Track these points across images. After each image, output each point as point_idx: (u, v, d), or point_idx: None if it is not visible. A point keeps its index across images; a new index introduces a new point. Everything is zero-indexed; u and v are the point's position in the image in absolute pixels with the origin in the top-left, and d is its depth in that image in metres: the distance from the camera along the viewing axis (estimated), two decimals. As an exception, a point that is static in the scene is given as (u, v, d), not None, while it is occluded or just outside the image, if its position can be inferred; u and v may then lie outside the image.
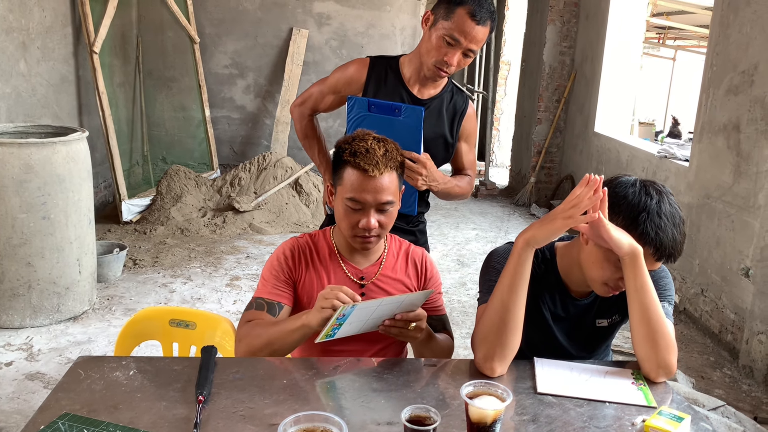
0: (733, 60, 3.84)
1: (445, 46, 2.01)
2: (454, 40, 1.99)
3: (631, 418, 1.40)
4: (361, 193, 1.63)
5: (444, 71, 2.05)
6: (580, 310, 1.74)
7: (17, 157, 3.33)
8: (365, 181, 1.62)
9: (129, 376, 1.48)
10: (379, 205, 1.65)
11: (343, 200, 1.66)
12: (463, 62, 2.06)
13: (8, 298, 3.47)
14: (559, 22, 6.79)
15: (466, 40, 1.99)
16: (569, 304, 1.74)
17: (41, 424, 1.27)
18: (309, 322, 1.52)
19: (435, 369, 1.59)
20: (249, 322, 1.66)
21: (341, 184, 1.67)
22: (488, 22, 2.00)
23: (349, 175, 1.65)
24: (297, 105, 2.33)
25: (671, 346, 1.55)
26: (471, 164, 2.32)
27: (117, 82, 6.09)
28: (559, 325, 1.75)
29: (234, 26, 6.90)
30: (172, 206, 5.59)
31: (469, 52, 2.04)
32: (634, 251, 1.51)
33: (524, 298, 1.54)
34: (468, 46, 2.01)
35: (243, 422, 1.31)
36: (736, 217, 3.72)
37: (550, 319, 1.73)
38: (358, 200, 1.63)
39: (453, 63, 2.03)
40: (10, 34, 4.28)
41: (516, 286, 1.52)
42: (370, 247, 1.71)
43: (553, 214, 1.50)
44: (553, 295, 1.73)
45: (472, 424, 1.26)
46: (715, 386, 3.45)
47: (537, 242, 1.52)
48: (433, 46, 2.03)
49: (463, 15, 1.97)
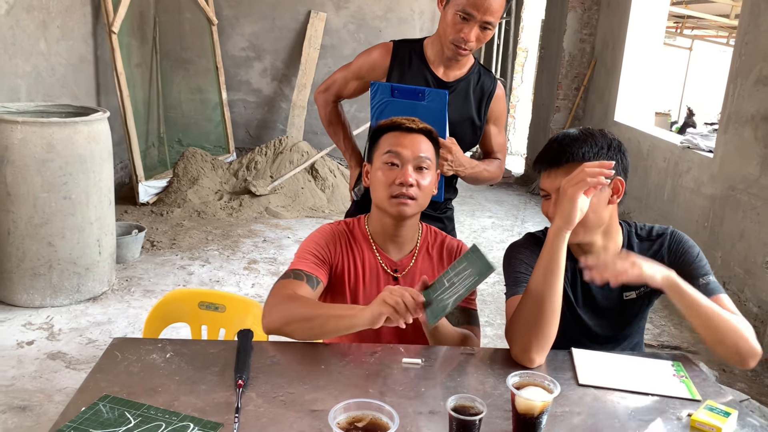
0: (764, 49, 3.77)
1: (461, 22, 1.96)
2: (469, 15, 1.94)
3: (676, 411, 1.38)
4: (398, 147, 1.66)
5: (463, 48, 2.01)
6: (605, 285, 1.66)
7: (39, 137, 3.32)
8: (402, 136, 1.68)
9: (166, 359, 1.46)
10: (416, 160, 1.66)
11: (380, 161, 1.68)
12: (483, 36, 2.01)
13: (29, 278, 3.48)
14: (580, 9, 6.70)
15: (479, 12, 1.94)
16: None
17: (82, 405, 1.26)
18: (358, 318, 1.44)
19: (472, 358, 1.57)
20: (284, 293, 1.57)
21: (377, 149, 1.71)
22: None
23: (387, 137, 1.70)
24: (321, 92, 2.30)
25: (740, 332, 1.51)
26: (501, 147, 2.28)
27: (134, 62, 6.06)
28: (586, 306, 1.71)
29: (251, 8, 6.85)
30: (189, 188, 5.58)
31: (487, 25, 1.98)
32: (668, 279, 1.51)
33: (561, 286, 1.51)
34: (483, 19, 1.95)
35: (284, 408, 1.30)
36: (762, 209, 3.67)
37: (573, 302, 1.70)
38: (396, 152, 1.66)
39: (471, 39, 1.98)
40: (30, 13, 4.25)
41: (552, 274, 1.49)
42: (408, 211, 1.66)
43: (563, 189, 1.49)
44: (574, 273, 1.70)
45: (519, 415, 1.23)
46: (737, 380, 3.42)
47: (567, 222, 1.48)
48: (449, 24, 1.99)
49: None
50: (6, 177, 3.31)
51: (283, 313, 1.52)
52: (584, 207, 1.48)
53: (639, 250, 1.72)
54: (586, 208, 1.49)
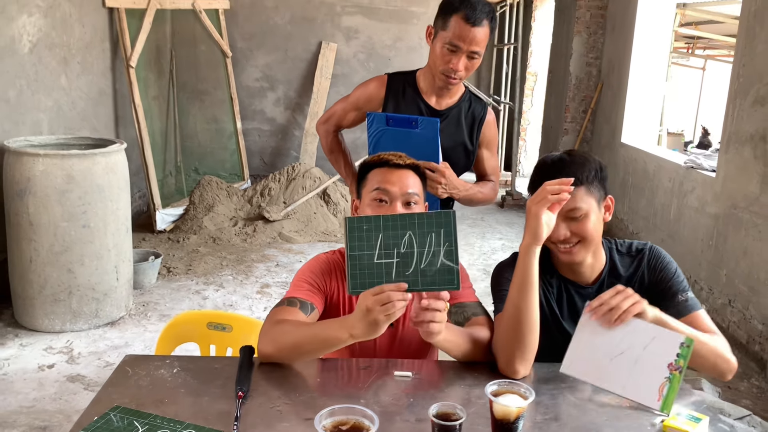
0: (759, 71, 3.86)
1: (449, 54, 2.10)
2: (456, 47, 2.08)
3: (650, 418, 1.46)
4: (386, 183, 1.71)
5: (453, 78, 2.13)
6: (591, 298, 1.74)
7: (60, 168, 3.48)
8: (389, 172, 1.73)
9: (173, 373, 1.57)
10: (405, 196, 1.72)
11: (369, 197, 1.73)
12: (471, 65, 2.14)
13: (50, 304, 3.62)
14: (585, 33, 6.83)
15: (465, 44, 2.08)
16: (574, 294, 1.79)
17: (94, 415, 1.37)
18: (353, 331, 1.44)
19: (460, 370, 1.66)
20: (275, 319, 1.60)
21: (366, 185, 1.76)
22: (485, 22, 2.07)
23: (374, 174, 1.75)
24: (322, 122, 2.44)
25: (718, 351, 1.62)
26: (494, 170, 2.39)
27: (152, 95, 6.28)
28: (571, 321, 1.79)
29: (265, 40, 7.07)
30: (205, 216, 5.73)
31: (473, 55, 2.11)
32: (657, 317, 1.57)
33: (536, 299, 1.59)
34: (470, 49, 2.09)
35: (279, 416, 1.40)
36: (763, 227, 3.73)
37: (559, 315, 1.79)
38: (384, 189, 1.71)
39: (459, 68, 2.11)
40: (52, 50, 4.46)
41: (526, 289, 1.58)
42: None
43: (528, 207, 1.59)
44: (560, 289, 1.79)
45: (497, 420, 1.32)
46: (742, 396, 3.45)
47: (534, 238, 1.57)
48: (438, 56, 2.13)
49: (459, 21, 2.06)
50: (28, 207, 3.47)
51: (273, 343, 1.57)
52: (550, 222, 1.58)
53: (621, 266, 1.81)
54: (553, 223, 1.58)
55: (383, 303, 1.38)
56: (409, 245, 1.46)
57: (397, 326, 1.80)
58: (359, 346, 1.77)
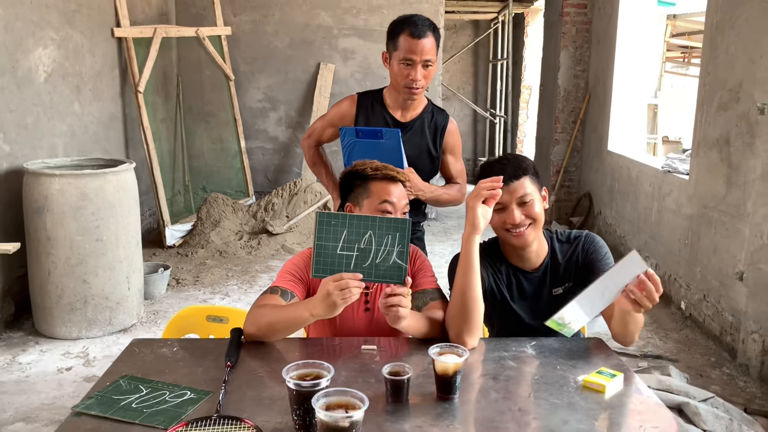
0: (722, 79, 4.12)
1: (406, 68, 2.40)
2: (410, 60, 2.38)
3: (575, 376, 1.72)
4: (391, 196, 2.02)
5: (415, 88, 2.42)
6: (535, 283, 2.05)
7: (74, 187, 3.80)
8: (389, 187, 2.04)
9: (173, 351, 1.86)
10: (402, 207, 2.04)
11: (375, 208, 2.02)
12: (427, 73, 2.43)
13: (67, 312, 3.92)
14: (572, 47, 7.12)
15: (417, 55, 2.37)
16: (522, 279, 2.06)
17: (107, 381, 1.65)
18: (314, 311, 1.72)
19: (419, 344, 1.92)
20: (258, 304, 1.90)
21: (369, 196, 2.04)
22: (428, 33, 2.37)
23: (376, 186, 2.04)
24: (305, 139, 2.75)
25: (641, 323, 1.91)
26: (459, 173, 2.67)
27: (160, 118, 6.62)
28: (520, 303, 2.07)
29: (266, 64, 7.41)
30: (212, 231, 6.04)
31: (427, 63, 2.40)
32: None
33: (478, 280, 1.86)
34: (423, 59, 2.38)
35: (261, 380, 1.68)
36: (729, 224, 3.98)
37: (509, 299, 2.06)
38: (390, 201, 2.02)
39: (418, 78, 2.41)
40: (66, 79, 4.80)
41: (469, 272, 1.85)
42: None
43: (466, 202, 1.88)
44: (508, 275, 2.07)
45: (438, 375, 1.59)
46: (713, 383, 3.68)
47: (473, 228, 1.84)
48: (397, 74, 2.42)
49: (406, 38, 2.36)
50: (46, 224, 3.78)
51: (252, 324, 1.87)
52: (486, 215, 1.85)
53: (560, 252, 2.08)
54: (489, 215, 1.86)
55: (342, 288, 1.66)
56: (369, 243, 1.76)
57: (373, 311, 2.07)
58: (341, 328, 2.05)
